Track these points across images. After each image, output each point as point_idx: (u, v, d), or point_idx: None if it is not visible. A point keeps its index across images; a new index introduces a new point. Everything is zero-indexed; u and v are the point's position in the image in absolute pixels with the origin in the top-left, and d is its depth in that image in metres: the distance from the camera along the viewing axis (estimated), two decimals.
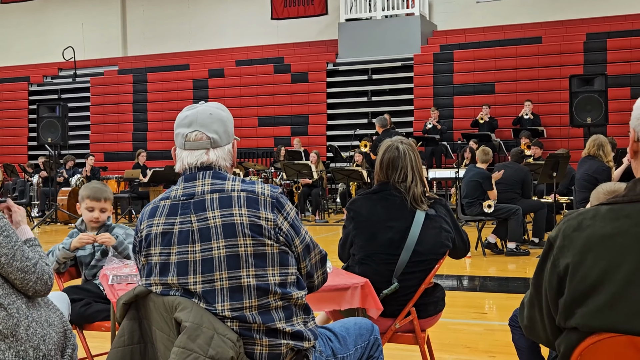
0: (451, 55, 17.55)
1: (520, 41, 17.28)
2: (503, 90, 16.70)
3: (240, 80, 19.43)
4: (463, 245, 3.48)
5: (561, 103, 15.30)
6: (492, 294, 6.76)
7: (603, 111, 11.14)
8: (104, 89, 20.93)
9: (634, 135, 1.80)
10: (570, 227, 1.76)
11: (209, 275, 2.20)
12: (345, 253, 3.51)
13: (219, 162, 2.34)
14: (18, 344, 2.47)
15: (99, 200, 3.84)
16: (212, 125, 2.33)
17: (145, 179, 14.29)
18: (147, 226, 2.31)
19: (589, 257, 1.71)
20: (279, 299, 2.23)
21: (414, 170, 3.35)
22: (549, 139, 15.43)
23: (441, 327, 4.75)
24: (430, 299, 3.42)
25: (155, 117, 20.02)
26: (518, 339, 3.38)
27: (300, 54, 19.90)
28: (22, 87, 22.13)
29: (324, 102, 18.63)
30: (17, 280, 2.54)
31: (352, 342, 2.52)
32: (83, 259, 3.86)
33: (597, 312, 1.69)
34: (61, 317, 2.79)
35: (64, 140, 13.94)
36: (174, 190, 2.34)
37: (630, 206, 1.71)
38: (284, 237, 2.27)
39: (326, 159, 17.11)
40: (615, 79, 14.94)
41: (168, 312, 2.17)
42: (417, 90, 17.69)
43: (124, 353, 2.27)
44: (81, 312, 3.61)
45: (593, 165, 8.06)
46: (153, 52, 22.07)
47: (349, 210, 3.47)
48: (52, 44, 22.61)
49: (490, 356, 4.52)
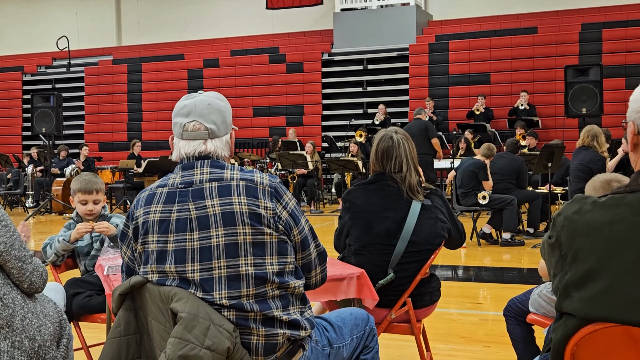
0: (446, 46, 17.53)
1: (516, 31, 17.27)
2: (498, 81, 16.70)
3: (235, 70, 19.39)
4: (459, 235, 3.48)
5: (556, 93, 15.31)
6: (487, 284, 6.78)
7: (598, 102, 11.16)
8: (98, 79, 20.86)
9: (634, 128, 1.80)
10: (572, 209, 1.78)
11: (207, 264, 2.20)
12: (341, 243, 3.51)
13: (217, 151, 2.34)
14: (13, 335, 2.47)
15: (90, 192, 3.81)
16: (210, 115, 2.32)
17: (140, 169, 14.25)
18: (143, 213, 2.30)
19: (587, 242, 1.72)
20: (277, 287, 2.24)
21: (408, 160, 3.35)
22: (544, 129, 15.45)
23: (436, 317, 4.76)
24: (426, 289, 3.42)
25: (150, 107, 19.97)
26: (513, 329, 3.40)
27: (296, 44, 19.86)
28: (16, 77, 22.03)
29: (319, 92, 18.60)
30: (15, 270, 2.53)
31: (347, 332, 2.52)
32: (80, 249, 3.84)
33: (593, 299, 1.70)
34: (56, 308, 2.79)
35: (59, 130, 13.89)
36: (171, 177, 2.33)
37: (631, 195, 1.71)
38: (283, 226, 2.27)
39: (321, 149, 17.09)
40: (611, 70, 14.96)
41: (164, 303, 2.17)
42: (412, 80, 17.67)
43: (119, 344, 2.26)
44: (83, 303, 3.59)
45: (587, 156, 8.07)
46: (148, 42, 21.99)
47: (345, 200, 3.46)
48: (46, 34, 22.50)
49: (486, 346, 4.53)
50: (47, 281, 2.73)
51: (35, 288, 2.63)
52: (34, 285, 2.61)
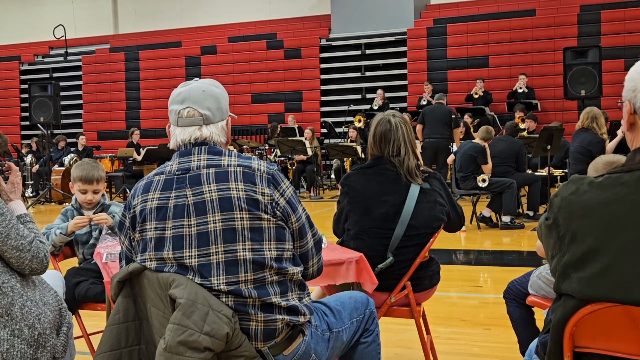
0: (444, 29, 17.46)
1: (514, 14, 17.19)
2: (497, 64, 16.65)
3: (233, 57, 19.32)
4: (458, 218, 3.48)
5: (555, 76, 15.27)
6: (487, 267, 6.79)
7: (597, 83, 11.14)
8: (95, 68, 20.80)
9: (630, 107, 1.79)
10: (569, 190, 1.77)
11: (205, 249, 2.19)
12: (340, 228, 3.51)
13: (213, 137, 2.33)
14: (13, 323, 2.47)
15: (90, 182, 3.77)
16: (205, 101, 2.32)
17: (139, 157, 14.25)
18: (141, 201, 2.29)
19: (585, 223, 1.71)
20: (275, 273, 2.23)
21: (406, 143, 3.34)
22: (543, 112, 15.42)
23: (436, 301, 4.77)
24: (425, 272, 3.42)
25: (148, 95, 19.92)
26: (513, 311, 3.40)
27: (293, 30, 19.77)
28: (13, 66, 21.96)
29: (317, 78, 18.55)
30: (13, 259, 2.53)
31: (347, 315, 2.52)
32: (79, 237, 3.81)
33: (592, 280, 1.70)
34: (56, 296, 2.79)
35: (56, 119, 13.87)
36: (168, 165, 2.33)
37: (628, 175, 1.71)
38: (281, 212, 2.27)
39: (320, 135, 17.07)
40: (610, 51, 14.90)
41: (162, 289, 2.17)
42: (410, 64, 17.62)
43: (119, 330, 2.26)
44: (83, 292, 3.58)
45: (587, 138, 8.06)
46: (145, 30, 21.89)
47: (343, 185, 3.46)
48: (42, 23, 22.39)
49: (486, 328, 4.54)
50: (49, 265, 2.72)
51: (37, 274, 2.64)
52: (35, 272, 2.61)
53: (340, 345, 2.48)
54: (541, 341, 1.92)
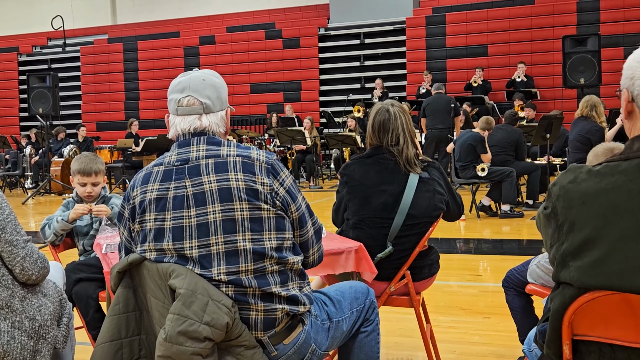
0: (443, 18, 17.41)
1: (513, 2, 17.13)
2: (496, 53, 16.61)
3: (231, 47, 19.28)
4: (457, 207, 3.48)
5: (554, 64, 15.25)
6: (486, 256, 6.80)
7: (596, 72, 11.12)
8: (94, 58, 20.75)
9: (627, 95, 1.79)
10: (567, 178, 1.77)
11: (205, 240, 2.19)
12: (339, 218, 3.51)
13: (212, 127, 2.33)
14: (13, 315, 2.47)
15: (89, 175, 3.80)
16: (205, 90, 2.32)
17: (138, 148, 14.24)
18: (140, 193, 2.29)
19: (584, 211, 1.71)
20: (275, 263, 2.24)
21: (405, 132, 3.33)
22: (542, 100, 15.40)
23: (436, 290, 4.78)
24: (425, 261, 3.42)
25: (146, 85, 19.89)
26: (512, 300, 3.41)
27: (292, 19, 19.72)
28: (11, 57, 21.90)
29: (316, 67, 18.52)
30: (5, 253, 2.49)
31: (347, 305, 2.53)
32: (80, 229, 3.84)
33: (590, 268, 1.70)
34: (56, 287, 2.79)
35: (55, 110, 13.85)
36: (167, 156, 2.33)
37: (626, 163, 1.71)
38: (280, 202, 2.27)
39: (319, 125, 17.06)
40: (609, 39, 14.88)
41: (162, 279, 2.17)
42: (409, 54, 17.58)
43: (119, 321, 2.27)
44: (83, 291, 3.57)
45: (586, 126, 8.06)
46: (143, 20, 21.83)
47: (342, 174, 3.45)
48: (40, 13, 22.34)
49: (485, 317, 4.56)
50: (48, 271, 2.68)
51: (29, 275, 2.55)
52: (27, 272, 2.54)
53: (340, 334, 2.49)
54: (540, 329, 1.93)
